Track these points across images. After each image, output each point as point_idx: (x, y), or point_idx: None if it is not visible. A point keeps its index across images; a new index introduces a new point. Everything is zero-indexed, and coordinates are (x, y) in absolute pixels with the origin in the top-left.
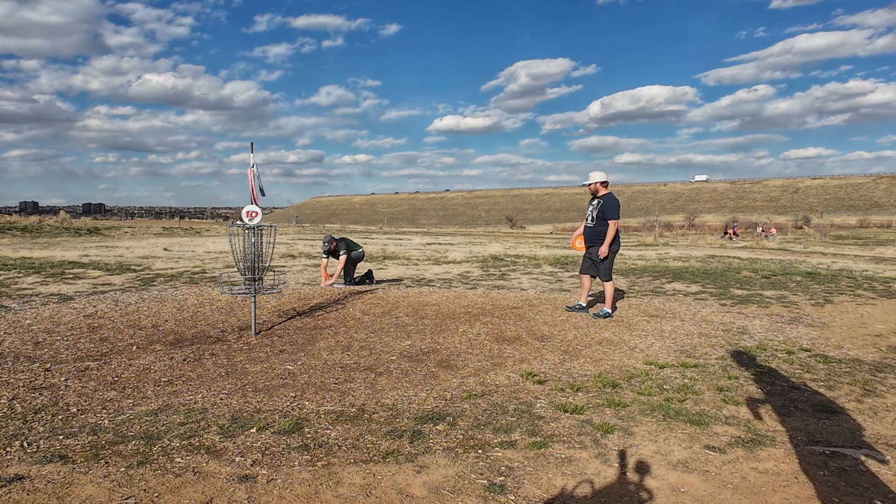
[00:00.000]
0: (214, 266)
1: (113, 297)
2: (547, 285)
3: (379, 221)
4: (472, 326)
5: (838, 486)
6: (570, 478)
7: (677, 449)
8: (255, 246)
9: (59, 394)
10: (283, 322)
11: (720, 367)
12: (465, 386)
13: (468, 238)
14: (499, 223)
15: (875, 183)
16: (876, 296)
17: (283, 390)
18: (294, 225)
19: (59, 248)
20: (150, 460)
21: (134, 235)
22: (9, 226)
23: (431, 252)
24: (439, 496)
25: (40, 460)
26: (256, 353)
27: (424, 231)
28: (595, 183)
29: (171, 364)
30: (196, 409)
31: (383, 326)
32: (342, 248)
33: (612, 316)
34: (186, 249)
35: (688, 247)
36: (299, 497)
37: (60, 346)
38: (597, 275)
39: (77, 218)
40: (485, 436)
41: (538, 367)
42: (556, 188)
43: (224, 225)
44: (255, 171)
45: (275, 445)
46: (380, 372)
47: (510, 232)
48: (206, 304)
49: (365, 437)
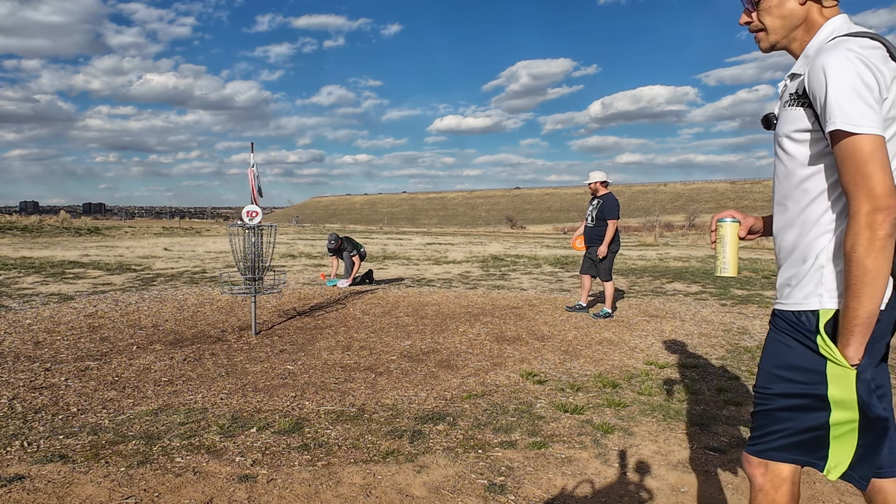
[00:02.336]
0: (215, 266)
1: (113, 296)
2: (547, 285)
3: (379, 221)
4: (473, 326)
5: (839, 487)
6: (571, 478)
7: (677, 449)
8: (255, 246)
9: (60, 393)
10: (284, 322)
11: (720, 368)
12: (465, 386)
13: (468, 238)
14: (499, 223)
15: None
16: None
17: (283, 390)
18: (294, 225)
19: (60, 248)
20: (150, 460)
21: (134, 235)
22: (9, 225)
23: (432, 252)
24: (439, 496)
25: (40, 460)
26: (257, 352)
27: (425, 231)
28: (595, 182)
29: (172, 364)
30: (196, 408)
31: (383, 326)
32: (349, 248)
33: (612, 316)
34: (187, 249)
35: (688, 247)
36: (299, 497)
37: (61, 345)
38: (597, 275)
39: (77, 218)
40: (485, 436)
41: (538, 367)
42: (556, 188)
43: (224, 225)
44: (255, 171)
45: (275, 445)
46: (380, 372)
47: (510, 232)
48: (206, 303)
49: (365, 437)
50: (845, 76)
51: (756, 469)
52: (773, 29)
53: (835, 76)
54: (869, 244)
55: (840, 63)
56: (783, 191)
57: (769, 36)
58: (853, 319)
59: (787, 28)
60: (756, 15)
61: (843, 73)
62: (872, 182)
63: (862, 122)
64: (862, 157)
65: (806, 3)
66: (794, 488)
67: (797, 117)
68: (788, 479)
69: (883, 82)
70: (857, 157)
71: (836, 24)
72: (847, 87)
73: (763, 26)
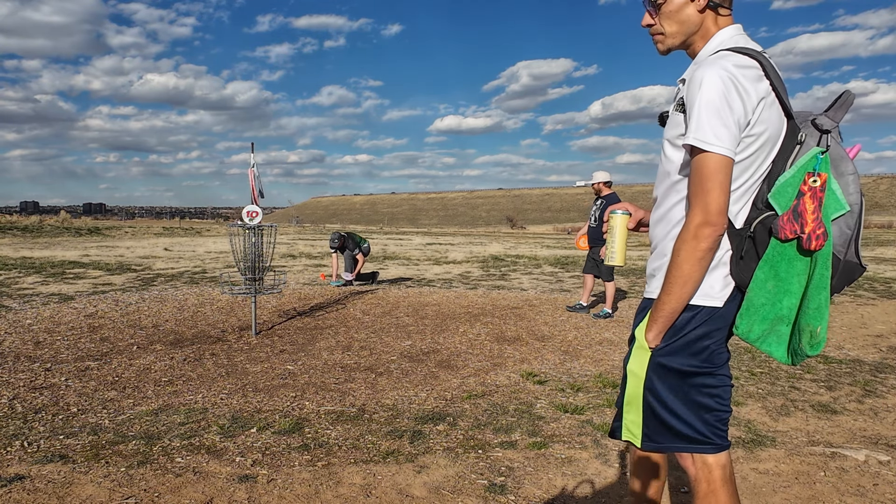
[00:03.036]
0: (215, 266)
1: (113, 296)
2: (547, 285)
3: (379, 221)
4: (473, 326)
5: (839, 487)
6: (571, 478)
7: None
8: (255, 246)
9: (60, 393)
10: (284, 322)
11: None
12: (465, 386)
13: (468, 238)
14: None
15: (876, 183)
16: (876, 296)
17: (283, 390)
18: (295, 225)
19: (60, 248)
20: (150, 460)
21: (134, 235)
22: (9, 226)
23: (432, 252)
24: (439, 496)
25: (41, 460)
26: (257, 353)
27: (425, 231)
28: (598, 183)
29: (172, 364)
30: (196, 408)
31: (384, 326)
32: (351, 246)
33: (612, 316)
34: (187, 249)
35: None
36: (299, 497)
37: (61, 345)
38: (599, 275)
39: (78, 218)
40: (485, 436)
41: (538, 368)
42: (556, 188)
43: (225, 225)
44: (255, 172)
45: (275, 445)
46: (380, 372)
47: (510, 232)
48: (206, 303)
49: (365, 437)
50: (712, 93)
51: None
52: (671, 33)
53: (703, 92)
54: (691, 252)
55: (711, 80)
56: (660, 189)
57: (667, 39)
58: (658, 310)
59: (684, 34)
60: (657, 18)
61: (711, 90)
62: (709, 198)
63: (713, 141)
64: (705, 174)
65: (704, 12)
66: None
67: (678, 123)
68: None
69: (749, 103)
70: (701, 173)
71: (726, 36)
72: (710, 105)
73: (662, 30)
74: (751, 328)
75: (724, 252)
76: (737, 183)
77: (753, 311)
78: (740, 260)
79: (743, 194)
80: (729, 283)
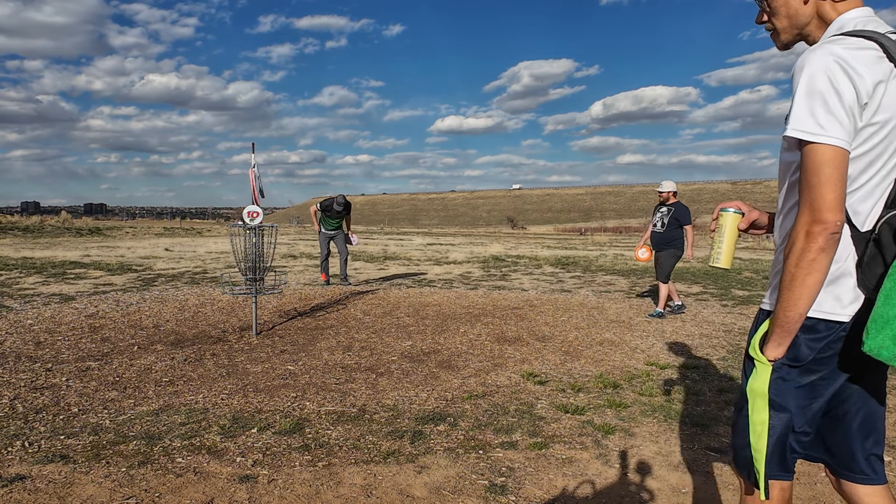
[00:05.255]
0: (216, 266)
1: (114, 297)
2: (548, 286)
3: (380, 222)
4: (473, 327)
5: None
6: (571, 478)
7: (678, 450)
8: (256, 246)
9: (61, 394)
10: (285, 322)
11: (721, 368)
12: (465, 386)
13: (469, 238)
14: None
15: None
16: None
17: (284, 390)
18: (295, 225)
19: (61, 249)
20: (151, 460)
21: (135, 236)
22: (10, 226)
23: (432, 252)
24: (440, 496)
25: (41, 460)
26: (257, 353)
27: (426, 231)
28: (668, 192)
29: (173, 364)
30: (197, 409)
31: (384, 327)
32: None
33: (664, 316)
34: (188, 249)
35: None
36: (300, 497)
37: (62, 346)
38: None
39: (78, 218)
40: (486, 436)
41: (539, 368)
42: (557, 188)
43: (225, 225)
44: (256, 172)
45: (276, 446)
46: (381, 372)
47: (511, 232)
48: (207, 304)
49: (366, 438)
50: (815, 80)
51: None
52: (783, 28)
53: (805, 80)
54: (801, 254)
55: (813, 66)
56: (780, 192)
57: (780, 35)
58: (775, 321)
59: (795, 27)
60: (768, 15)
61: (814, 76)
62: (815, 194)
63: (816, 131)
64: (811, 168)
65: (810, 1)
66: (783, 493)
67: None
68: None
69: (863, 87)
70: (807, 167)
71: (846, 20)
72: (812, 91)
73: (775, 26)
74: (883, 344)
75: (848, 258)
76: (860, 179)
77: (882, 323)
78: (864, 266)
79: (870, 192)
80: (858, 295)
